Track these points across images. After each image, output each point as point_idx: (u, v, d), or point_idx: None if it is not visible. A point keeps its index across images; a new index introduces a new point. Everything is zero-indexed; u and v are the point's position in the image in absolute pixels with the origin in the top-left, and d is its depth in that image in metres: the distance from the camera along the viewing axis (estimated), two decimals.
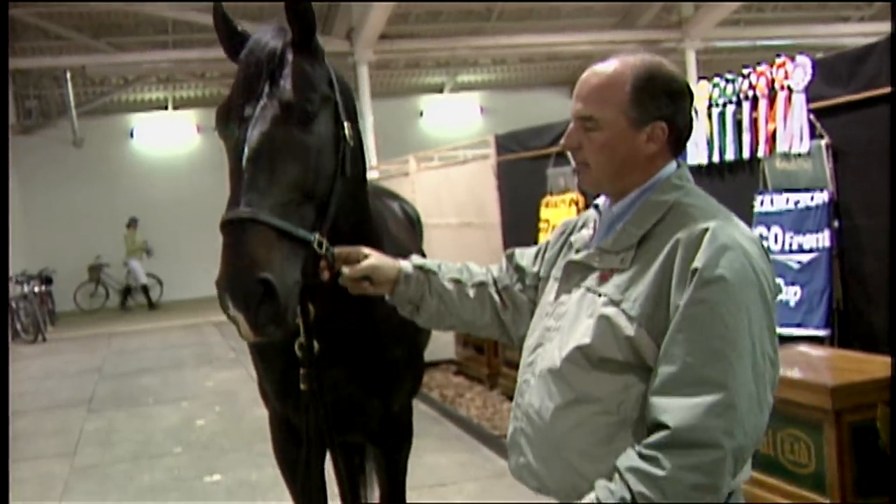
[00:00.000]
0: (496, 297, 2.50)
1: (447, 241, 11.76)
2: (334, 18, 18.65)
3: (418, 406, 3.98)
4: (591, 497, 1.89)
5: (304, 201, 2.36)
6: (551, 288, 2.25)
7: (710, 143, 5.92)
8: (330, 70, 2.59)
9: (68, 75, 19.54)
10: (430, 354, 4.20)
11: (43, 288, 17.67)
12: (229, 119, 2.40)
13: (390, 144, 18.76)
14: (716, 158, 5.89)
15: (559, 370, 2.05)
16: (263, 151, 2.30)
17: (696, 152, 5.97)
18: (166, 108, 22.67)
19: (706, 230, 1.93)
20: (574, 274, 2.15)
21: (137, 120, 22.40)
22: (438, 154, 14.14)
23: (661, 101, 2.06)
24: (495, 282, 2.52)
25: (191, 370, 11.72)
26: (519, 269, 2.50)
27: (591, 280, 2.09)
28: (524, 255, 2.53)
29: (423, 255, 4.15)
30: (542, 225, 8.64)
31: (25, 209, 20.28)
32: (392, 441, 3.43)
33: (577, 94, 2.13)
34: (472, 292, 2.47)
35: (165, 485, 6.77)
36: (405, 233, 3.94)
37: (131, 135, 22.31)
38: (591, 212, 2.28)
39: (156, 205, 21.63)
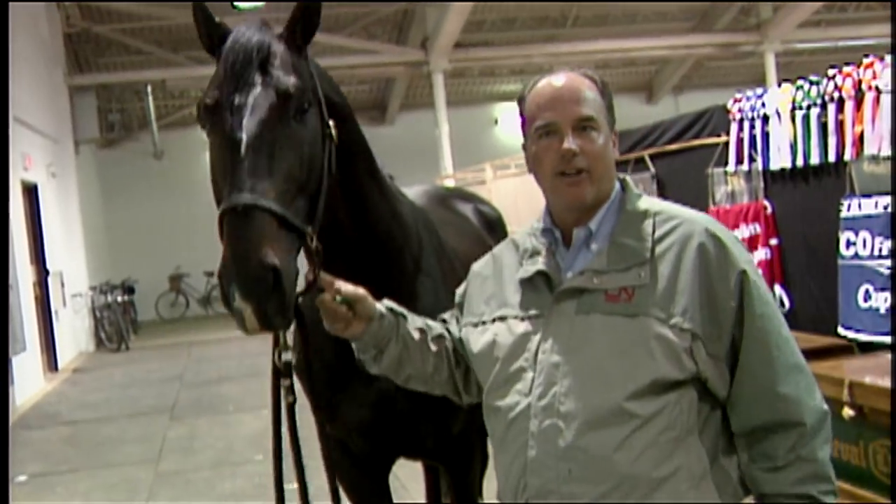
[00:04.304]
0: (451, 352, 2.36)
1: None
2: (409, 28, 18.77)
3: None
4: None
5: (299, 193, 2.25)
6: (515, 327, 2.15)
7: (793, 146, 5.79)
8: (314, 72, 2.47)
9: (149, 89, 19.95)
10: None
11: (126, 297, 18.01)
12: (216, 110, 2.26)
13: (466, 153, 18.80)
14: (800, 162, 5.76)
15: (620, 407, 1.95)
16: (264, 138, 2.20)
17: (779, 156, 5.85)
18: None
19: (707, 229, 2.05)
20: (565, 302, 2.06)
21: None
22: (515, 161, 14.12)
23: (612, 112, 2.16)
24: (451, 336, 2.38)
25: (270, 379, 11.83)
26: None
27: (598, 304, 2.02)
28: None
29: None
30: None
31: (108, 220, 20.75)
32: (456, 462, 3.23)
33: (568, 99, 2.08)
34: (433, 345, 2.33)
35: (247, 492, 6.82)
36: (470, 240, 3.66)
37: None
38: (525, 239, 2.23)
39: None
